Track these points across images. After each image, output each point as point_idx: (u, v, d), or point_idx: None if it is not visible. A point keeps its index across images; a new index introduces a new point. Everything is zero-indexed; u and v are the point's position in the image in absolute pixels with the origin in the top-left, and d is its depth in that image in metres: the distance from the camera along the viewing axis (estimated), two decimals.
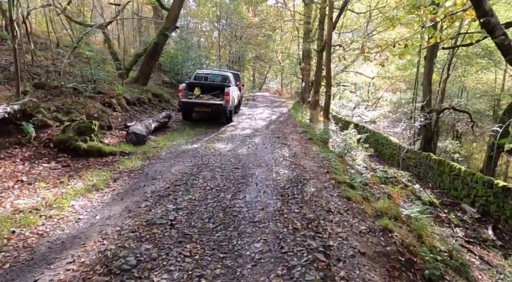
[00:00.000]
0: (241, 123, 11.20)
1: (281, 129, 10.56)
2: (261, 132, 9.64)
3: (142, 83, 11.81)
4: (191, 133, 9.06)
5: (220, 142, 8.03)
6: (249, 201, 4.35)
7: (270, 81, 39.71)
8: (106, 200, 4.25)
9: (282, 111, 15.69)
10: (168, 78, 15.47)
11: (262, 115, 13.60)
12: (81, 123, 6.09)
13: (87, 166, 5.50)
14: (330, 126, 12.99)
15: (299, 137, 9.53)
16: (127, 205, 4.05)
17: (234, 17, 25.88)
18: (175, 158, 6.43)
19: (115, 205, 4.09)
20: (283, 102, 20.51)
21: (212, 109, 10.13)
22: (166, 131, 9.30)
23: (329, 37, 15.30)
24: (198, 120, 11.05)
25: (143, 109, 10.41)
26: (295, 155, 7.02)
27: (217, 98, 10.93)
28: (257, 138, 8.77)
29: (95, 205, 4.06)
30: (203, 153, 6.81)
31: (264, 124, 11.32)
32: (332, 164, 6.65)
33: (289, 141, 8.69)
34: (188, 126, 10.06)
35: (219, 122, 10.85)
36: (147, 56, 11.77)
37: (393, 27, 18.54)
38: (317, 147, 8.34)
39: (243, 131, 9.72)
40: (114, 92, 9.62)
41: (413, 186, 9.45)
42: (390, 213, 4.81)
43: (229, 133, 9.22)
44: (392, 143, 13.06)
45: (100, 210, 3.93)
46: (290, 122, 12.16)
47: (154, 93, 11.88)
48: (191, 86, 11.22)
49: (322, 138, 9.81)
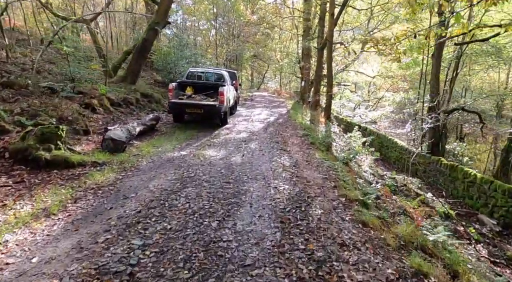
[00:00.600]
0: (237, 125, 10.20)
1: (280, 132, 9.57)
2: (259, 136, 8.65)
3: (131, 82, 10.80)
4: (181, 138, 8.06)
5: (212, 148, 7.03)
6: (240, 231, 3.36)
7: (269, 81, 38.67)
8: (55, 231, 3.25)
9: (281, 112, 14.69)
10: (160, 77, 14.45)
11: (260, 116, 12.61)
12: (45, 129, 5.08)
13: (47, 181, 4.50)
14: (332, 128, 12.02)
15: (300, 141, 8.54)
16: (81, 239, 3.06)
17: (231, 15, 24.85)
18: (157, 168, 5.43)
19: (65, 239, 3.10)
20: (282, 102, 19.51)
21: (205, 110, 9.14)
22: (153, 135, 8.30)
23: (330, 34, 14.29)
24: (190, 123, 10.04)
25: (129, 110, 9.40)
26: (296, 164, 6.03)
27: (211, 99, 9.93)
28: (254, 143, 7.77)
29: (37, 240, 3.06)
30: (191, 162, 5.81)
31: (262, 126, 10.32)
32: (339, 175, 5.67)
33: (289, 146, 7.70)
34: (179, 129, 9.06)
35: (213, 125, 9.85)
36: (136, 53, 10.75)
37: (399, 23, 17.64)
38: (320, 153, 7.35)
39: (239, 135, 8.72)
40: (97, 92, 8.61)
41: (425, 195, 8.49)
42: (415, 240, 3.85)
43: (222, 138, 8.22)
44: (398, 146, 12.09)
45: (42, 247, 2.94)
46: (289, 124, 11.17)
47: (143, 93, 10.87)
48: (182, 85, 10.21)
49: (324, 143, 8.83)
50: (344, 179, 5.50)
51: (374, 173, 8.88)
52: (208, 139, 7.95)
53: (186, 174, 5.12)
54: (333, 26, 14.40)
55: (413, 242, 3.79)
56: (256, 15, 26.73)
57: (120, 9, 18.43)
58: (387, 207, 5.38)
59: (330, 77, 14.74)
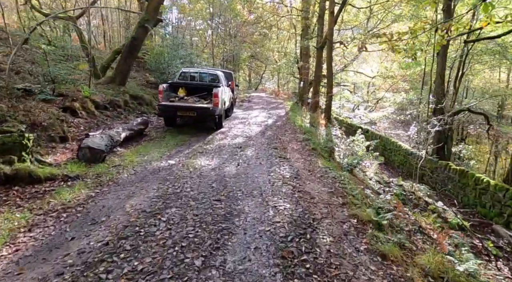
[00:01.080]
0: (233, 129, 9.46)
1: (279, 136, 8.84)
2: (256, 141, 7.91)
3: (119, 83, 10.03)
4: (171, 144, 7.32)
5: (204, 156, 6.29)
6: (230, 272, 2.62)
7: (267, 82, 37.95)
8: None
9: (279, 114, 13.97)
10: (153, 78, 13.68)
11: (257, 119, 11.87)
12: (6, 138, 4.33)
13: (3, 201, 3.74)
14: (333, 131, 11.32)
15: (301, 147, 7.81)
16: None
17: (227, 14, 24.10)
18: (140, 182, 4.69)
19: None
20: (280, 103, 18.79)
21: (198, 113, 8.39)
22: (141, 141, 7.55)
23: (330, 32, 13.59)
24: (183, 127, 9.29)
25: (116, 114, 8.64)
26: (298, 175, 5.30)
27: (204, 101, 9.19)
28: (250, 149, 7.03)
29: None
30: (178, 174, 5.07)
31: (259, 130, 9.59)
32: (346, 188, 4.94)
33: (289, 153, 6.97)
34: (170, 134, 8.31)
35: (207, 129, 9.11)
36: (125, 52, 9.98)
37: (400, 21, 16.95)
38: (323, 160, 6.63)
39: (234, 140, 7.98)
40: (80, 94, 7.85)
41: (435, 204, 7.78)
42: (445, 274, 3.13)
43: (216, 144, 7.48)
44: (402, 149, 11.39)
45: None
46: (288, 127, 10.44)
47: (133, 95, 10.10)
48: (174, 87, 9.47)
49: (327, 148, 8.11)
50: (353, 193, 4.77)
51: (380, 180, 8.17)
52: (200, 146, 7.21)
53: (171, 190, 4.38)
54: (333, 25, 13.71)
55: (443, 277, 3.08)
56: (253, 15, 26.01)
57: (113, 7, 17.63)
58: (402, 224, 4.66)
59: (330, 77, 14.05)
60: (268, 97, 24.02)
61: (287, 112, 14.70)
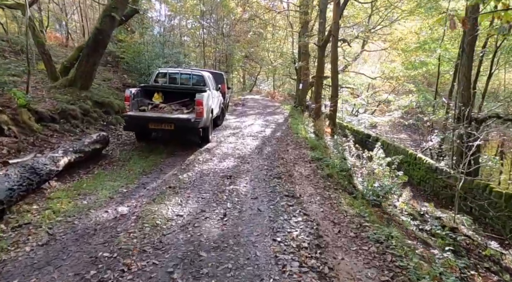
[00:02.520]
0: (223, 144, 7.32)
1: (280, 154, 6.72)
2: (251, 165, 5.78)
3: (82, 86, 7.81)
4: (135, 171, 5.15)
5: (176, 196, 4.13)
6: None
7: (261, 83, 35.80)
8: None
9: (277, 120, 11.86)
10: (131, 80, 11.45)
11: (252, 128, 9.74)
12: None
13: None
14: (339, 139, 9.29)
15: (311, 171, 5.70)
16: None
17: (220, 11, 21.89)
18: (44, 267, 2.53)
19: None
20: (277, 107, 16.67)
21: (177, 126, 6.22)
22: (94, 166, 5.36)
23: (336, 27, 11.52)
24: (158, 142, 7.11)
25: (69, 127, 6.41)
26: (320, 238, 3.18)
27: (186, 110, 7.03)
28: (244, 181, 4.89)
29: None
30: (123, 242, 2.91)
31: (256, 145, 7.46)
32: (406, 266, 2.83)
33: (297, 184, 4.86)
34: (138, 154, 6.13)
35: (190, 144, 6.96)
36: (87, 48, 7.75)
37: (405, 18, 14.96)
38: (347, 199, 4.53)
39: (223, 162, 5.83)
40: (14, 102, 5.64)
41: (490, 246, 5.74)
42: None
43: (198, 170, 5.33)
44: (424, 164, 9.34)
45: None
46: (291, 140, 8.33)
47: (98, 102, 7.89)
48: (148, 91, 7.30)
49: (344, 171, 6.01)
50: None
51: (413, 212, 6.10)
52: (175, 174, 5.05)
53: None
54: (338, 18, 11.63)
55: None
56: (247, 13, 23.83)
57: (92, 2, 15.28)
58: None
59: (335, 78, 11.99)
60: (263, 100, 21.90)
61: (286, 118, 12.59)
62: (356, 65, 23.43)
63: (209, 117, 7.12)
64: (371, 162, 7.51)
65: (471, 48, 9.72)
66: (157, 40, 14.07)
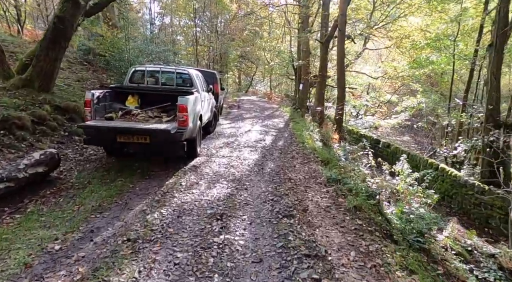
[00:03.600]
0: (214, 159, 5.75)
1: (287, 173, 5.18)
2: (251, 193, 4.22)
3: (40, 87, 6.20)
4: (87, 207, 3.57)
5: (134, 261, 2.57)
6: None
7: (257, 84, 34.19)
8: None
9: (278, 125, 10.32)
10: (110, 80, 9.82)
11: (250, 135, 8.19)
12: None
13: None
14: (356, 151, 7.84)
15: (331, 201, 4.17)
16: None
17: (213, 8, 20.25)
18: None
19: None
20: (276, 109, 15.13)
21: (153, 140, 4.65)
22: (35, 197, 3.77)
23: (342, 20, 10.02)
24: (134, 156, 5.51)
25: (10, 141, 4.79)
26: None
27: (167, 116, 5.45)
28: (241, 223, 3.32)
29: None
30: None
31: (255, 160, 5.90)
32: None
33: (317, 227, 3.32)
34: (102, 177, 4.55)
35: (173, 160, 5.39)
36: (46, 40, 6.13)
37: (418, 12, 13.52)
38: (396, 250, 3.01)
39: (212, 189, 4.26)
40: None
41: None
42: None
43: (177, 203, 3.75)
44: (448, 176, 7.86)
45: None
46: (296, 151, 6.80)
47: (60, 106, 6.27)
48: (120, 93, 5.71)
49: (370, 197, 4.49)
50: None
51: (462, 251, 4.60)
52: (143, 211, 3.48)
53: None
54: (345, 8, 10.11)
55: None
56: (243, 11, 22.24)
57: None
58: None
59: (342, 79, 10.49)
60: (260, 101, 20.34)
61: (286, 122, 11.06)
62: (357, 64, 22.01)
63: (197, 126, 5.55)
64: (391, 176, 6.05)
65: (502, 43, 8.28)
66: (144, 36, 12.46)
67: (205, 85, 7.29)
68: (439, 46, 12.15)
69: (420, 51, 14.92)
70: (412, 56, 16.71)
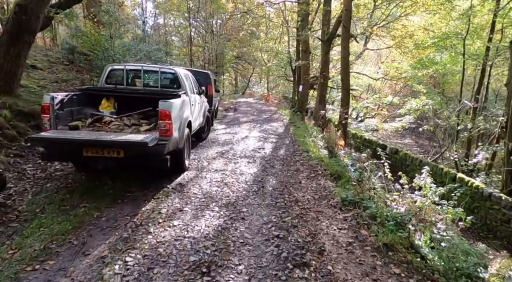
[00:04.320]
0: (204, 175, 4.76)
1: (292, 192, 4.21)
2: (249, 225, 3.22)
3: (1, 89, 5.17)
4: (25, 252, 2.56)
5: None
6: None
7: (254, 85, 33.23)
8: None
9: (277, 130, 9.36)
10: (94, 80, 8.79)
11: (247, 143, 7.21)
12: None
13: None
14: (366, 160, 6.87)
15: (352, 235, 3.21)
16: None
17: (208, 7, 19.29)
18: None
19: None
20: (274, 112, 14.16)
21: (128, 155, 3.66)
22: None
23: (347, 16, 9.09)
24: (109, 171, 4.50)
25: None
26: None
27: (147, 124, 4.46)
28: (236, 278, 2.36)
29: None
30: None
31: (254, 174, 4.92)
32: None
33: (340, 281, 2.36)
34: (61, 202, 3.54)
35: (153, 179, 4.39)
36: (6, 34, 5.13)
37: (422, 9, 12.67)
38: None
39: (199, 220, 3.25)
40: None
41: None
42: None
43: (150, 243, 2.75)
44: (472, 188, 6.94)
45: None
46: (301, 162, 5.83)
47: (23, 112, 5.24)
48: (93, 96, 4.71)
49: (400, 228, 3.54)
50: None
51: None
52: (101, 259, 2.48)
53: None
54: (350, 3, 9.19)
55: None
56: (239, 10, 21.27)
57: None
58: None
59: (346, 80, 9.53)
60: (257, 103, 19.36)
61: (286, 126, 10.10)
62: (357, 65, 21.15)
63: (185, 135, 4.56)
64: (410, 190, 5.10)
65: None
66: (134, 34, 11.45)
67: (196, 86, 6.31)
68: (448, 44, 11.29)
69: (424, 51, 14.10)
70: (414, 56, 15.91)
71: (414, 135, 20.60)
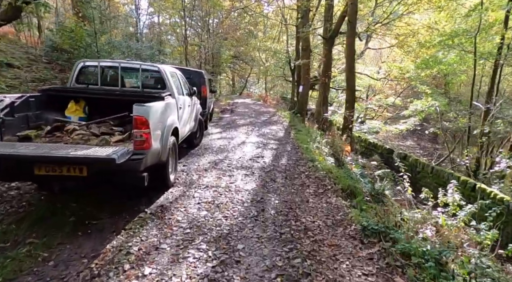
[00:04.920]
0: (192, 193, 3.91)
1: (298, 216, 3.37)
2: (244, 275, 2.39)
3: None
4: None
5: None
6: None
7: (252, 86, 32.36)
8: None
9: (277, 134, 8.51)
10: None
11: (244, 150, 6.35)
12: None
13: None
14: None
15: (381, 281, 2.37)
16: None
17: (205, 5, 18.40)
18: None
19: None
20: (273, 114, 13.31)
21: (91, 172, 2.80)
22: None
23: (353, 10, 8.32)
24: (77, 190, 3.64)
25: None
26: None
27: (121, 133, 3.59)
28: None
29: None
30: None
31: (251, 192, 4.07)
32: None
33: None
34: (6, 234, 2.67)
35: (132, 194, 3.54)
36: None
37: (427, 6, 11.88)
38: None
39: (177, 268, 2.40)
40: None
41: None
42: None
43: None
44: (496, 200, 6.15)
45: None
46: (306, 174, 4.99)
47: None
48: (58, 98, 3.84)
49: (433, 264, 2.70)
50: None
51: None
52: None
53: None
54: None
55: None
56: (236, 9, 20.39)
57: None
58: None
59: (352, 79, 8.74)
60: (255, 104, 18.52)
61: (287, 130, 9.26)
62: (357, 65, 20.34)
63: (169, 145, 3.69)
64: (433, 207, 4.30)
65: None
66: (125, 31, 10.56)
67: (186, 87, 5.46)
68: (456, 43, 10.51)
69: (427, 50, 13.35)
70: (417, 56, 15.15)
71: (416, 137, 19.85)
